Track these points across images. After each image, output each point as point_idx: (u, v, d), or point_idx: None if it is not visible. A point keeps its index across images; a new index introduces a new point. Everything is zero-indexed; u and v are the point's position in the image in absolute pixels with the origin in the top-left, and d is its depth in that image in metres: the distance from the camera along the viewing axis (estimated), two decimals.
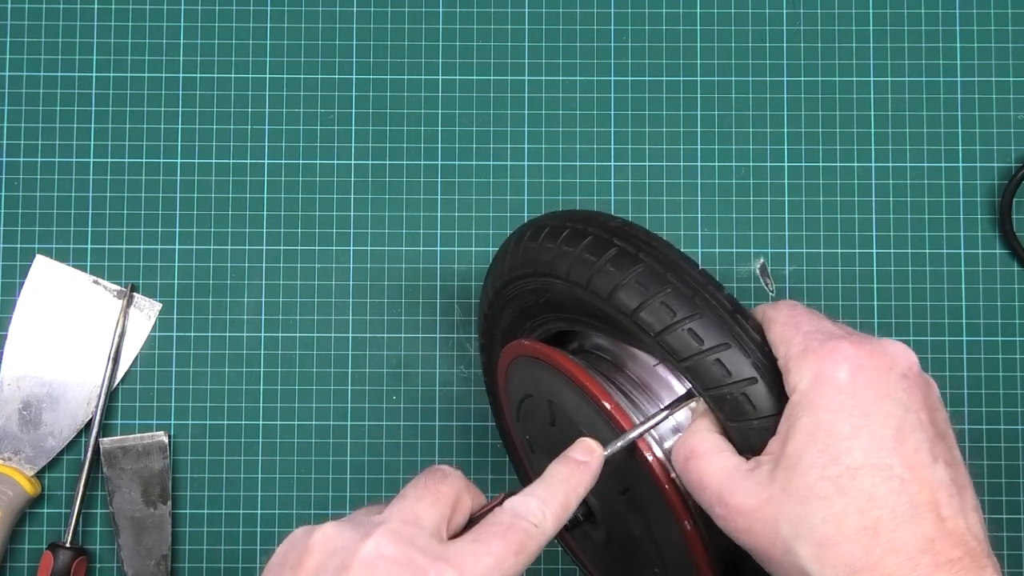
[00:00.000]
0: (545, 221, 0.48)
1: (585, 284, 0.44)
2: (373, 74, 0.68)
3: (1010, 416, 0.66)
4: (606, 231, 0.45)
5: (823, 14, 0.69)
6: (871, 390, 0.39)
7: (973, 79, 0.68)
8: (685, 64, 0.68)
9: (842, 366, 0.39)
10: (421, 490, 0.40)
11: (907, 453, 0.38)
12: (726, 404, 0.41)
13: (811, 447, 0.38)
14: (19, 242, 0.67)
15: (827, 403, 0.39)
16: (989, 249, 0.67)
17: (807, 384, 0.39)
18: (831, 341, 0.40)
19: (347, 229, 0.68)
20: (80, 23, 0.68)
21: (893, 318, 0.67)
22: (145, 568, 0.65)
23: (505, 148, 0.68)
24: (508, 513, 0.39)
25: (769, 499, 0.39)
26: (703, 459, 0.41)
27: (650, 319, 0.42)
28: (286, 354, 0.67)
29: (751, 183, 0.68)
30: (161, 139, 0.68)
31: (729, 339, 0.41)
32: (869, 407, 0.39)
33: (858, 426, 0.38)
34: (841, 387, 0.39)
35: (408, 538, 0.37)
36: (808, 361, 0.40)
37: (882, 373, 0.39)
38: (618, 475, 0.46)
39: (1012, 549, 0.65)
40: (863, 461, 0.38)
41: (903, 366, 0.40)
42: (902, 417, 0.39)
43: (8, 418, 0.66)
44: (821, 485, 0.38)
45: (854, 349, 0.40)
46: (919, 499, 0.38)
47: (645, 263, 0.43)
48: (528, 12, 0.69)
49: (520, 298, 0.51)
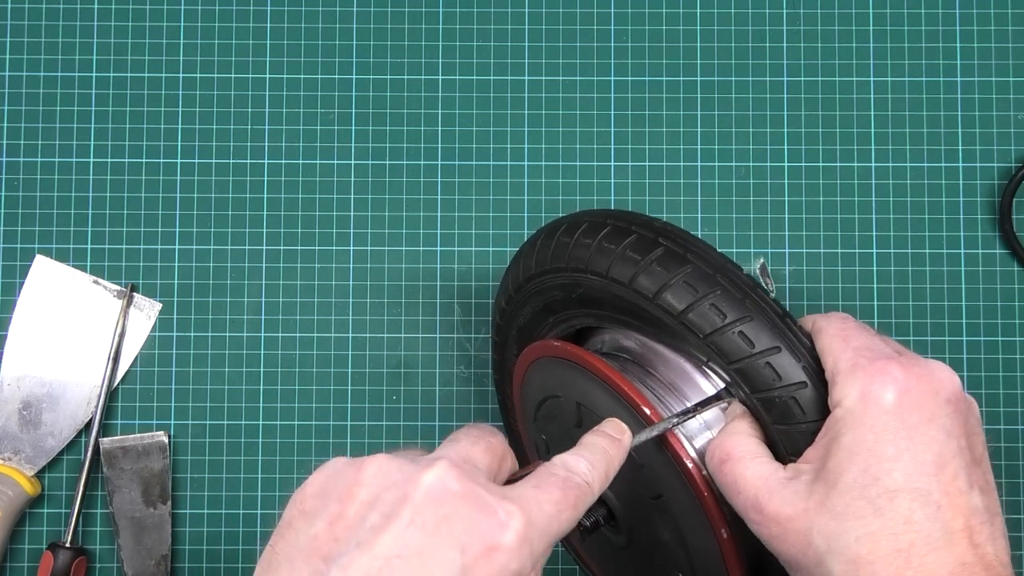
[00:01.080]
0: (582, 217, 0.48)
1: (628, 282, 0.44)
2: (373, 74, 0.68)
3: (1010, 416, 0.66)
4: (651, 230, 0.45)
5: (823, 14, 0.69)
6: (916, 413, 0.39)
7: (973, 79, 0.68)
8: (685, 64, 0.68)
9: (890, 387, 0.39)
10: (475, 437, 0.39)
11: (946, 480, 0.38)
12: (775, 407, 0.41)
13: (852, 465, 0.39)
14: (19, 242, 0.67)
15: (872, 423, 0.39)
16: (989, 249, 0.67)
17: (853, 401, 0.39)
18: (880, 360, 0.40)
19: (347, 229, 0.68)
20: (80, 23, 0.69)
21: (893, 318, 0.67)
22: (145, 568, 0.65)
23: (505, 148, 0.68)
24: (561, 467, 0.38)
25: (805, 511, 0.39)
26: (740, 463, 0.41)
27: (699, 321, 0.42)
28: (286, 354, 0.67)
29: (751, 183, 0.68)
30: (161, 139, 0.68)
31: (780, 342, 0.41)
32: (913, 431, 0.39)
33: (901, 449, 0.38)
34: (888, 408, 0.39)
35: (468, 473, 0.36)
36: (857, 377, 0.40)
37: (928, 397, 0.40)
38: (649, 480, 0.46)
39: (1012, 549, 0.65)
40: (903, 484, 0.38)
41: (948, 391, 0.40)
42: (944, 443, 0.39)
43: (8, 418, 0.66)
44: (858, 504, 0.38)
45: (903, 371, 0.40)
46: (954, 525, 0.38)
47: (694, 264, 0.43)
48: (528, 12, 0.69)
49: (544, 293, 0.51)
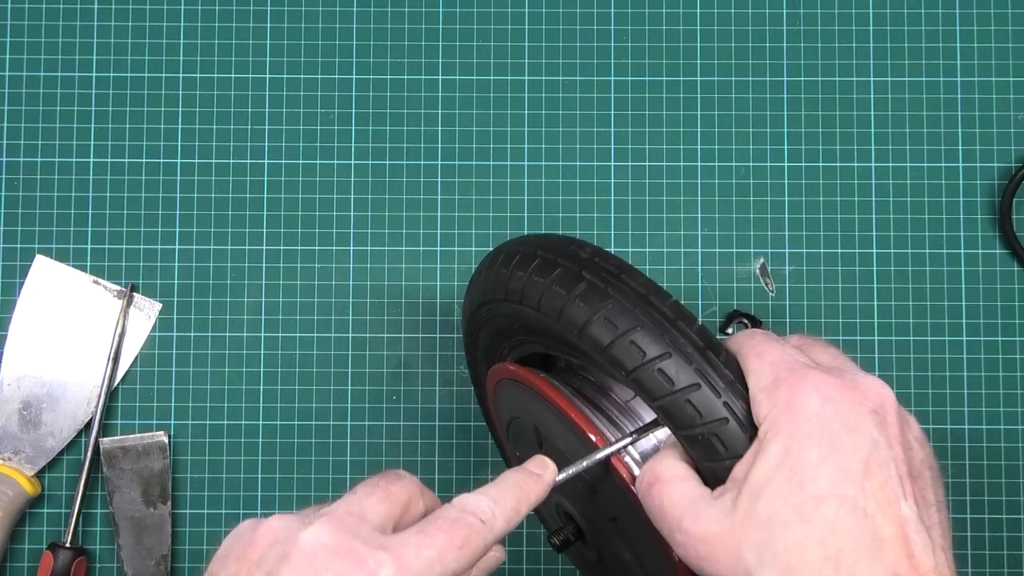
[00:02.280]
0: (516, 247, 0.47)
1: (556, 317, 0.44)
2: (373, 74, 0.68)
3: (1010, 416, 0.66)
4: (576, 263, 0.44)
5: (823, 14, 0.69)
6: (839, 421, 0.39)
7: (973, 79, 0.68)
8: (685, 64, 0.68)
9: (812, 395, 0.39)
10: (371, 487, 0.40)
11: (873, 487, 0.38)
12: (698, 444, 0.41)
13: (777, 474, 0.38)
14: (19, 242, 0.67)
15: (795, 430, 0.38)
16: (989, 249, 0.67)
17: (777, 412, 0.39)
18: (800, 370, 0.40)
19: (347, 229, 0.68)
20: (80, 23, 0.69)
21: (893, 318, 0.67)
22: (145, 568, 0.65)
23: (505, 148, 0.68)
24: (456, 508, 0.39)
25: (732, 526, 0.38)
26: (667, 485, 0.41)
27: (621, 357, 0.42)
28: (286, 354, 0.67)
29: (751, 183, 0.68)
30: (161, 139, 0.68)
31: (699, 379, 0.40)
32: (837, 437, 0.38)
33: (825, 455, 0.38)
34: (810, 415, 0.39)
35: (350, 528, 0.37)
36: (779, 390, 0.40)
37: (852, 406, 0.39)
38: (605, 501, 0.46)
39: (1012, 549, 0.65)
40: (828, 491, 0.38)
41: (875, 401, 0.40)
42: (870, 451, 0.38)
43: (8, 418, 0.66)
44: (784, 512, 0.37)
45: (824, 379, 0.40)
46: (883, 533, 0.37)
47: (614, 299, 0.42)
48: (528, 12, 0.69)
49: (494, 320, 0.51)
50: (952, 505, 0.65)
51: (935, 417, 0.66)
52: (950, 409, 0.66)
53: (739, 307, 0.67)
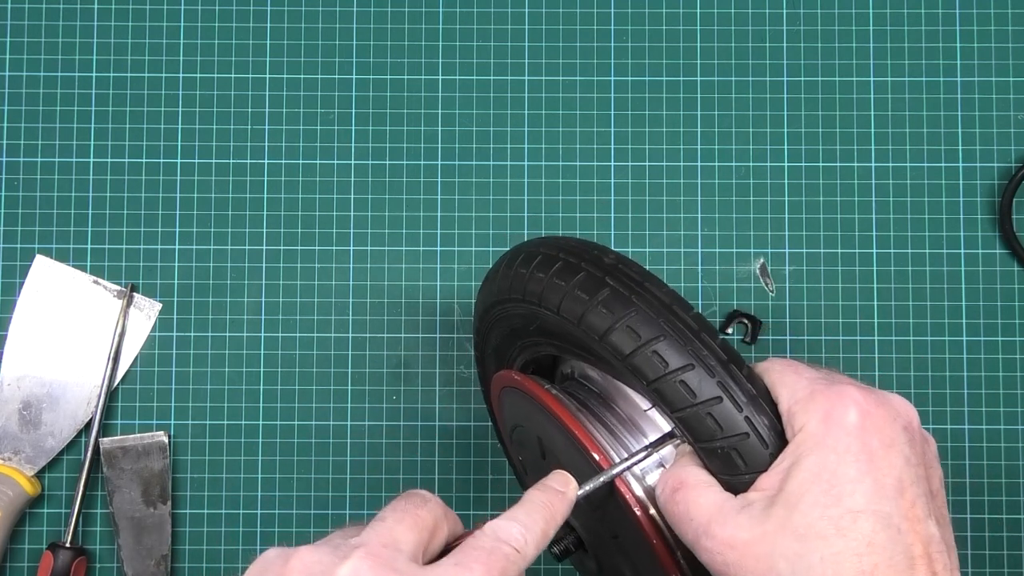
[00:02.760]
0: (538, 248, 0.47)
1: (576, 321, 0.43)
2: (373, 74, 0.69)
3: (1010, 416, 0.66)
4: (600, 268, 0.44)
5: (823, 14, 0.69)
6: (876, 437, 0.39)
7: (973, 79, 0.68)
8: (685, 64, 0.68)
9: (852, 409, 0.39)
10: (400, 513, 0.39)
11: (906, 505, 0.38)
12: (716, 457, 0.41)
13: (815, 486, 0.38)
14: (19, 242, 0.67)
15: (835, 444, 0.39)
16: (989, 249, 0.67)
17: (816, 424, 0.39)
18: (838, 385, 0.40)
19: (347, 229, 0.68)
20: (80, 23, 0.69)
21: (893, 318, 0.67)
22: (145, 568, 0.65)
23: (505, 148, 0.68)
24: (490, 537, 0.38)
25: (764, 534, 0.39)
26: (692, 490, 0.41)
27: (643, 366, 0.41)
28: (286, 354, 0.67)
29: (751, 183, 0.68)
30: (161, 139, 0.68)
31: (721, 392, 0.40)
32: (874, 454, 0.39)
33: (863, 471, 0.38)
34: (850, 430, 0.39)
35: (387, 561, 0.37)
36: (817, 403, 0.40)
37: (888, 422, 0.40)
38: (607, 518, 0.46)
39: (1012, 549, 0.65)
40: (864, 506, 0.38)
41: (905, 419, 0.41)
42: (903, 468, 0.39)
43: (8, 418, 0.66)
44: (821, 524, 0.38)
45: (862, 395, 0.40)
46: (914, 551, 0.38)
47: (638, 307, 0.42)
48: (528, 12, 0.69)
49: (508, 320, 0.50)
50: (952, 505, 0.65)
51: (935, 417, 0.66)
52: (950, 409, 0.66)
53: (739, 307, 0.67)
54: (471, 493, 0.66)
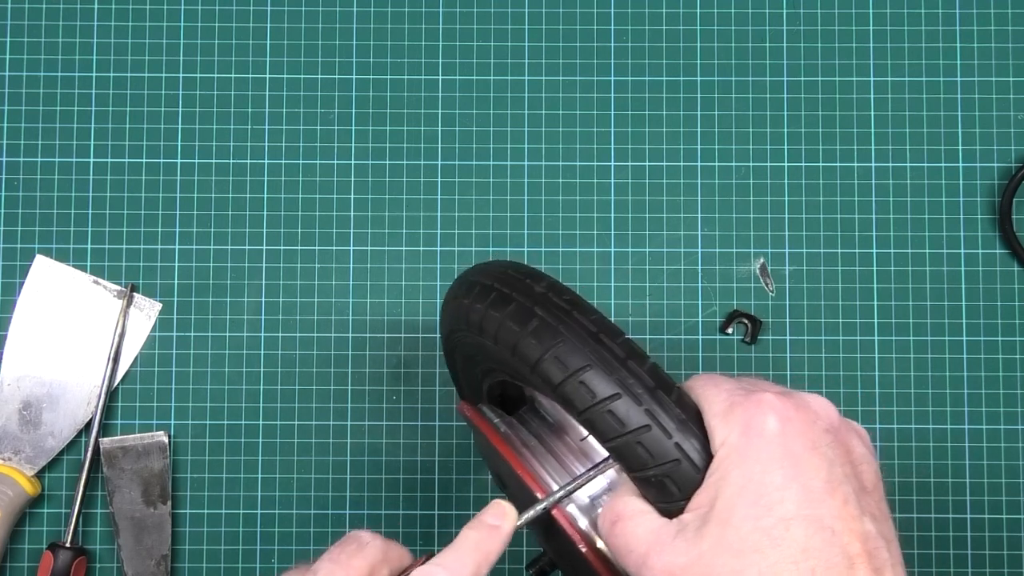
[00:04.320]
0: (476, 277, 0.47)
1: (511, 352, 0.43)
2: (373, 74, 0.68)
3: (1010, 416, 0.66)
4: (530, 298, 0.44)
5: (823, 14, 0.69)
6: (798, 441, 0.39)
7: (973, 79, 0.68)
8: (685, 64, 0.68)
9: (770, 416, 0.39)
10: (332, 564, 0.39)
11: (837, 505, 0.38)
12: (651, 486, 0.41)
13: (743, 499, 0.38)
14: (19, 242, 0.67)
15: (757, 455, 0.39)
16: (989, 249, 0.67)
17: (736, 437, 0.39)
18: (756, 393, 0.40)
19: (347, 229, 0.68)
20: (80, 23, 0.69)
21: (893, 318, 0.67)
22: (145, 568, 0.65)
23: (505, 148, 0.68)
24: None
25: (700, 555, 0.38)
26: (629, 522, 0.41)
27: (572, 397, 0.41)
28: (286, 354, 0.67)
29: (751, 183, 0.68)
30: (161, 139, 0.68)
31: (649, 420, 0.40)
32: (798, 459, 0.39)
33: (789, 476, 0.38)
34: (771, 438, 0.39)
35: None
36: (736, 414, 0.40)
37: (808, 425, 0.39)
38: (561, 548, 0.46)
39: (1012, 549, 0.65)
40: (795, 512, 0.38)
41: (826, 420, 0.40)
42: (829, 469, 0.39)
43: (8, 418, 0.66)
44: (754, 537, 0.38)
45: (780, 401, 0.40)
46: (851, 550, 0.37)
47: (565, 337, 0.42)
48: (528, 12, 0.69)
49: (464, 347, 0.50)
50: (952, 505, 0.65)
51: (935, 417, 0.66)
52: (950, 409, 0.66)
53: (739, 307, 0.67)
54: (471, 493, 0.66)
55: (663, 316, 0.67)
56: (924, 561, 0.65)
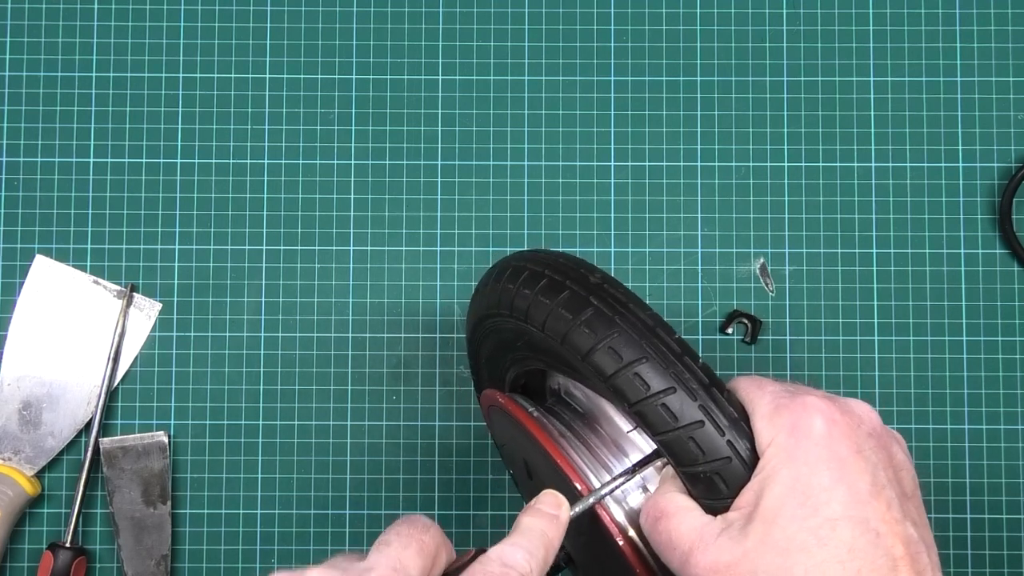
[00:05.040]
0: (525, 264, 0.46)
1: (560, 340, 0.43)
2: (373, 74, 0.68)
3: (1010, 416, 0.66)
4: (585, 287, 0.44)
5: (823, 14, 0.69)
6: (844, 444, 0.39)
7: (973, 79, 0.68)
8: (685, 64, 0.68)
9: (817, 418, 0.40)
10: (406, 538, 0.39)
11: (881, 508, 0.39)
12: (699, 482, 0.41)
13: (790, 499, 0.38)
14: (19, 242, 0.67)
15: (805, 456, 0.39)
16: (989, 249, 0.67)
17: (784, 438, 0.40)
18: (801, 396, 0.40)
19: (347, 229, 0.68)
20: (80, 23, 0.69)
21: (893, 318, 0.67)
22: (145, 568, 0.65)
23: (505, 148, 0.68)
24: (496, 563, 0.38)
25: (745, 553, 0.39)
26: (673, 518, 0.41)
27: (624, 388, 0.41)
28: (286, 354, 0.67)
29: (751, 183, 0.68)
30: (161, 139, 0.68)
31: (703, 416, 0.40)
32: (844, 461, 0.39)
33: (836, 478, 0.39)
34: (818, 439, 0.39)
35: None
36: (783, 416, 0.40)
37: (853, 429, 0.40)
38: (591, 543, 0.46)
39: (1012, 549, 0.65)
40: (842, 513, 0.38)
41: (869, 424, 0.41)
42: (873, 473, 0.39)
43: (8, 418, 0.66)
44: (801, 537, 0.38)
45: (824, 403, 0.40)
46: (895, 552, 0.38)
47: (621, 328, 0.42)
48: (528, 12, 0.69)
49: (499, 333, 0.50)
50: (952, 505, 0.65)
51: (935, 417, 0.66)
52: (950, 409, 0.66)
53: (739, 307, 0.67)
54: (471, 493, 0.66)
55: (663, 316, 0.67)
56: None
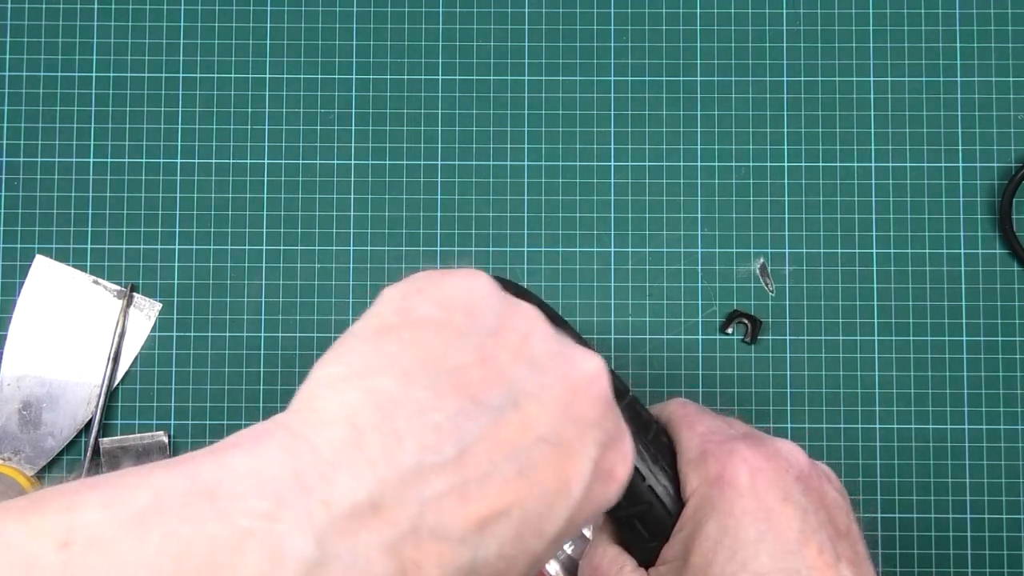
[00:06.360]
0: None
1: None
2: (373, 74, 0.68)
3: (1010, 416, 0.66)
4: None
5: (823, 14, 0.69)
6: (770, 492, 0.39)
7: (973, 79, 0.68)
8: (685, 64, 0.68)
9: (742, 468, 0.39)
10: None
11: (812, 555, 0.38)
12: (623, 527, 0.41)
13: (718, 554, 0.38)
14: (19, 242, 0.67)
15: (730, 507, 0.38)
16: (989, 249, 0.67)
17: (708, 487, 0.39)
18: (728, 442, 0.40)
19: (347, 229, 0.68)
20: (80, 23, 0.68)
21: (893, 318, 0.67)
22: None
23: (505, 148, 0.68)
24: None
25: None
26: (607, 574, 0.41)
27: None
28: (286, 354, 0.67)
29: (751, 183, 0.68)
30: (161, 139, 0.68)
31: None
32: (771, 511, 0.38)
33: (762, 530, 0.38)
34: (743, 490, 0.39)
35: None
36: (708, 464, 0.40)
37: (780, 475, 0.39)
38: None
39: (1012, 549, 0.65)
40: (770, 566, 0.37)
41: (797, 467, 0.40)
42: (803, 519, 0.39)
43: (8, 418, 0.66)
44: None
45: (751, 451, 0.40)
46: None
47: None
48: (528, 12, 0.69)
49: None
50: (952, 505, 0.65)
51: (935, 417, 0.66)
52: (950, 409, 0.66)
53: (739, 307, 0.67)
54: None
55: (663, 316, 0.67)
56: (924, 561, 0.65)
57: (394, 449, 0.27)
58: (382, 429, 0.27)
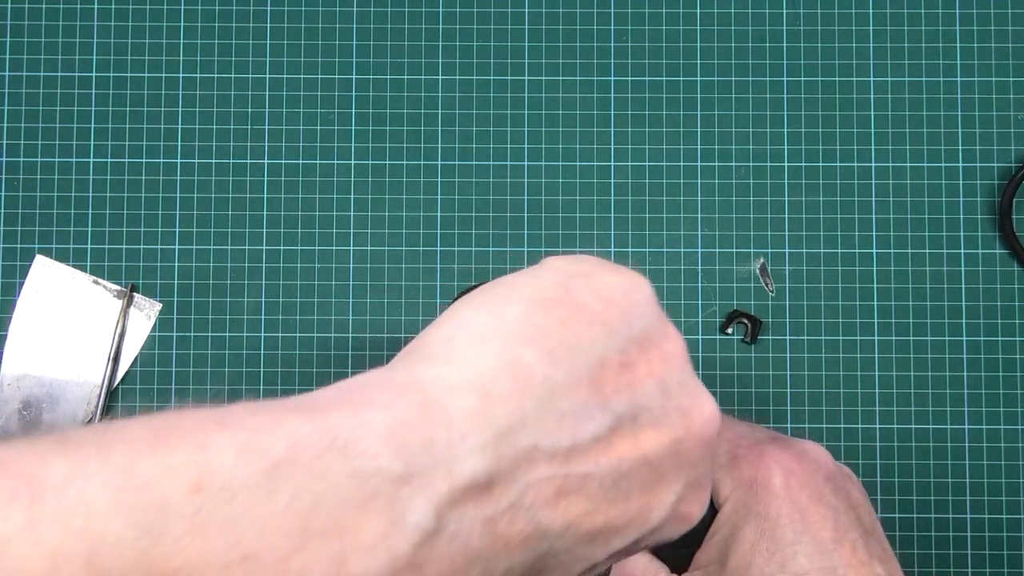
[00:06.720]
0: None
1: None
2: (373, 74, 0.68)
3: (1010, 416, 0.66)
4: None
5: (823, 14, 0.69)
6: (803, 493, 0.39)
7: (973, 79, 0.68)
8: (685, 64, 0.68)
9: (775, 471, 0.40)
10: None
11: (847, 554, 0.39)
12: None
13: (756, 557, 0.38)
14: (19, 242, 0.67)
15: (766, 510, 0.39)
16: (989, 249, 0.67)
17: (743, 492, 0.40)
18: (759, 446, 0.40)
19: (347, 229, 0.68)
20: (80, 23, 0.68)
21: (893, 318, 0.67)
22: None
23: (505, 148, 0.68)
24: None
25: None
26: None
27: None
28: (286, 354, 0.67)
29: (751, 183, 0.68)
30: (161, 139, 0.68)
31: None
32: (805, 511, 0.39)
33: (799, 531, 0.39)
34: (777, 492, 0.39)
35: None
36: (741, 468, 0.40)
37: (811, 476, 0.40)
38: None
39: (1012, 549, 0.65)
40: (808, 566, 0.38)
41: (825, 468, 0.41)
42: (835, 518, 0.39)
43: (8, 418, 0.66)
44: None
45: (782, 453, 0.40)
46: None
47: None
48: (528, 12, 0.69)
49: None
50: (952, 505, 0.66)
51: (935, 417, 0.66)
52: (950, 409, 0.66)
53: (739, 307, 0.67)
54: None
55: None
56: (924, 561, 0.65)
57: (517, 428, 0.27)
58: (511, 404, 0.28)
